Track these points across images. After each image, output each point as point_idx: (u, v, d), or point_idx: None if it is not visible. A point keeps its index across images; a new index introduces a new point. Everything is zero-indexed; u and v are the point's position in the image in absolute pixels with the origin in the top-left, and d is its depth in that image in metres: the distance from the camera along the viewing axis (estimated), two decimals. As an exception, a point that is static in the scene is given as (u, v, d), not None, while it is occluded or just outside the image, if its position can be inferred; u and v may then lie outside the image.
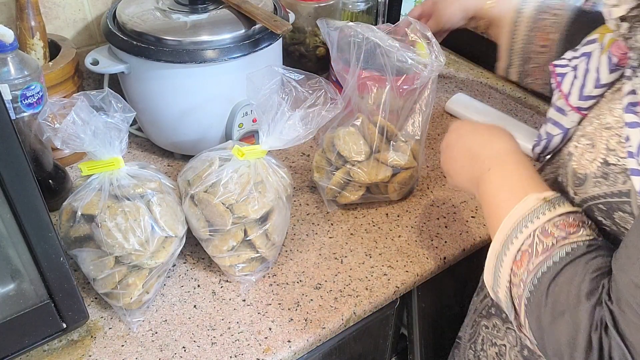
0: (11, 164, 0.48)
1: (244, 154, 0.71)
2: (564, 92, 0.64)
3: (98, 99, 0.66)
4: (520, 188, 0.58)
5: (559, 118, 0.65)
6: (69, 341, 0.69)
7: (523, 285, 0.52)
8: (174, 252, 0.71)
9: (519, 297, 0.53)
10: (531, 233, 0.53)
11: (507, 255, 0.54)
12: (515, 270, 0.53)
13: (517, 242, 0.54)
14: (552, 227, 0.53)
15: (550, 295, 0.49)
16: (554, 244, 0.51)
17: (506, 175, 0.61)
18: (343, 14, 1.19)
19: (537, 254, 0.52)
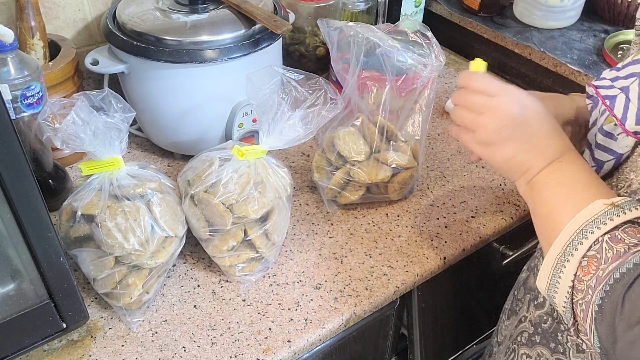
0: (11, 164, 0.48)
1: (243, 154, 0.71)
2: (618, 117, 0.59)
3: (98, 99, 0.66)
4: (585, 191, 0.55)
5: (607, 143, 0.62)
6: (69, 341, 0.69)
7: (592, 292, 0.50)
8: (174, 252, 0.71)
9: (585, 304, 0.50)
10: (599, 239, 0.51)
11: (571, 260, 0.51)
12: (580, 277, 0.51)
13: (583, 247, 0.51)
14: (621, 234, 0.50)
15: (627, 303, 0.47)
16: (626, 251, 0.49)
17: (567, 175, 0.57)
18: (343, 14, 1.19)
19: (607, 261, 0.49)
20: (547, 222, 0.57)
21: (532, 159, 0.58)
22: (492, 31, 1.20)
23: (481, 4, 1.23)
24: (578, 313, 0.52)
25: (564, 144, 0.59)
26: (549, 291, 0.55)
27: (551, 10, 1.17)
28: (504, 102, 0.59)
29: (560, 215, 0.54)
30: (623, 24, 1.21)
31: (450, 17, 1.28)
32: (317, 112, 0.70)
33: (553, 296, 0.54)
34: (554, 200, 0.56)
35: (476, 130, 0.60)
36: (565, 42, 1.15)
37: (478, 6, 1.24)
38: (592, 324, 0.50)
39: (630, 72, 0.61)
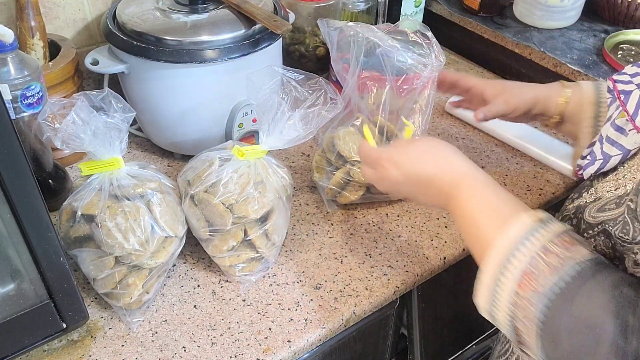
0: (11, 164, 0.48)
1: (244, 154, 0.71)
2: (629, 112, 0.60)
3: (98, 99, 0.66)
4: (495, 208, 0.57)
5: (617, 137, 0.62)
6: (69, 341, 0.69)
7: (533, 308, 0.50)
8: (174, 252, 0.71)
9: (527, 320, 0.50)
10: (532, 254, 0.51)
11: (507, 276, 0.52)
12: (520, 293, 0.51)
13: (517, 262, 0.51)
14: (552, 246, 0.51)
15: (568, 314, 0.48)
16: (561, 263, 0.50)
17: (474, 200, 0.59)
18: (343, 14, 1.19)
19: (544, 276, 0.50)
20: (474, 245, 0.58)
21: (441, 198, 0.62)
22: (492, 31, 1.20)
23: (481, 4, 1.24)
24: (520, 327, 0.52)
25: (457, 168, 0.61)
26: (490, 310, 0.55)
27: (551, 10, 1.17)
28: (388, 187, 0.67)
29: (482, 236, 0.56)
30: (623, 24, 1.21)
31: (450, 17, 1.28)
32: (317, 112, 0.70)
33: (495, 314, 0.54)
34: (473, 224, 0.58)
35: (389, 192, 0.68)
36: (565, 42, 1.15)
37: (478, 6, 1.24)
38: (537, 339, 0.50)
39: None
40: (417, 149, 0.65)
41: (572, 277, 0.49)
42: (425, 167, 0.63)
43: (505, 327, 0.54)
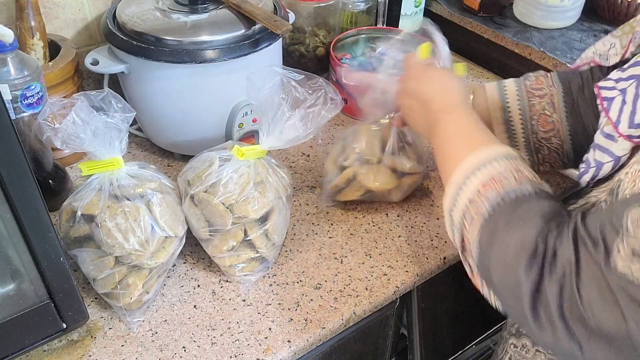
0: (11, 164, 0.48)
1: (243, 154, 0.71)
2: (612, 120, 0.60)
3: (98, 99, 0.66)
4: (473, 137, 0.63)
5: (608, 145, 0.62)
6: (69, 341, 0.69)
7: (487, 202, 0.56)
8: (174, 252, 0.71)
9: (476, 213, 0.56)
10: (508, 167, 0.57)
11: (477, 176, 0.58)
12: (481, 191, 0.57)
13: (492, 168, 0.57)
14: (525, 170, 0.58)
15: (514, 213, 0.54)
16: (526, 181, 0.56)
17: (456, 127, 0.66)
18: (343, 14, 1.19)
19: (509, 182, 0.56)
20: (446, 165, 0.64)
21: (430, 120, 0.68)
22: (492, 31, 1.20)
23: (481, 4, 1.23)
24: (467, 225, 0.58)
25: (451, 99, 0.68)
26: (451, 210, 0.60)
27: (551, 10, 1.17)
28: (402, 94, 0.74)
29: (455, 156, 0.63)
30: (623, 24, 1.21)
31: (450, 17, 1.28)
32: (317, 112, 0.70)
33: (452, 211, 0.60)
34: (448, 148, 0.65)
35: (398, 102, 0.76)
36: (565, 42, 1.15)
37: (478, 6, 1.24)
38: (477, 231, 0.56)
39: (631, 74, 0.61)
40: (435, 73, 0.73)
41: (529, 191, 0.55)
42: (430, 88, 0.70)
43: (456, 225, 0.59)
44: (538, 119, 0.77)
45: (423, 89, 0.70)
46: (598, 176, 0.64)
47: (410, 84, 0.72)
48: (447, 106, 0.67)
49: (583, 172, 0.66)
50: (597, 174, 0.64)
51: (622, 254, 0.45)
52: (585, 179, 0.66)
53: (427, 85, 0.71)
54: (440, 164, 0.66)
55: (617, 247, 0.45)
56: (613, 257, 0.45)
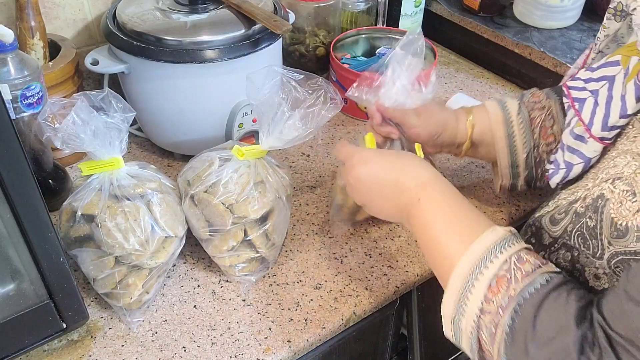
0: (11, 164, 0.48)
1: (243, 154, 0.71)
2: (585, 122, 0.60)
3: (98, 99, 0.66)
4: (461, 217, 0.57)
5: (578, 146, 0.61)
6: (69, 341, 0.69)
7: (502, 311, 0.50)
8: (174, 252, 0.71)
9: (494, 326, 0.50)
10: (507, 259, 0.52)
11: (480, 280, 0.52)
12: (489, 297, 0.51)
13: (493, 266, 0.52)
14: (526, 255, 0.52)
15: (538, 322, 0.48)
16: (533, 270, 0.51)
17: (441, 204, 0.59)
18: (343, 14, 1.19)
19: (517, 280, 0.50)
20: (432, 250, 0.58)
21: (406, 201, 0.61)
22: (492, 31, 1.20)
23: (481, 4, 1.24)
24: (484, 337, 0.52)
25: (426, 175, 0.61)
26: (455, 318, 0.54)
27: (551, 10, 1.17)
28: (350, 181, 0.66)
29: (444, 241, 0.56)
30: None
31: (450, 17, 1.28)
32: (317, 112, 0.70)
33: (459, 321, 0.54)
34: (434, 228, 0.58)
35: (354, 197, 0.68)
36: (565, 42, 1.15)
37: (478, 6, 1.24)
38: (501, 347, 0.50)
39: (603, 75, 0.60)
40: (390, 155, 0.66)
41: (542, 284, 0.50)
42: (393, 171, 0.63)
43: (467, 337, 0.53)
44: (539, 131, 0.75)
45: (382, 173, 0.63)
46: (568, 177, 0.64)
47: (362, 172, 0.64)
48: (419, 184, 0.61)
49: (553, 174, 0.66)
50: (567, 175, 0.64)
51: None
52: (555, 181, 0.66)
53: (386, 169, 0.64)
54: (429, 257, 0.60)
55: None
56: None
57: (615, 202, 0.52)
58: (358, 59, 1.15)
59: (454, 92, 1.16)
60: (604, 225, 0.53)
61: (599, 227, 0.53)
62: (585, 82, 0.63)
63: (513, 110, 0.76)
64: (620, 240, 0.51)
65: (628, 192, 0.51)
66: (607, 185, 0.54)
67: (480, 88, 1.20)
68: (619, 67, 0.58)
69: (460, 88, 1.19)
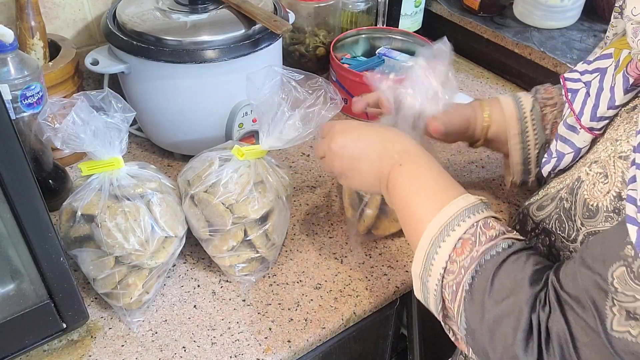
0: (11, 164, 0.48)
1: (243, 154, 0.71)
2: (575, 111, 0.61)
3: (98, 99, 0.66)
4: (438, 184, 0.60)
5: (570, 136, 0.63)
6: (69, 341, 0.69)
7: (464, 271, 0.52)
8: (174, 252, 0.71)
9: (456, 284, 0.53)
10: (474, 223, 0.54)
11: (447, 241, 0.54)
12: (454, 257, 0.54)
13: (460, 229, 0.54)
14: (493, 222, 0.55)
15: (496, 281, 0.51)
16: (497, 235, 0.53)
17: (421, 170, 0.61)
18: (343, 14, 1.19)
19: (480, 243, 0.53)
20: (409, 212, 0.60)
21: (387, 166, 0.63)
22: (492, 31, 1.20)
23: (481, 4, 1.24)
24: (447, 295, 0.55)
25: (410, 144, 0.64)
26: (422, 276, 0.57)
27: (551, 10, 1.17)
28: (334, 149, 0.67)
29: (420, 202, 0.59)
30: (623, 24, 1.21)
31: (450, 17, 1.28)
32: (317, 112, 0.70)
33: (427, 280, 0.56)
34: (412, 191, 0.60)
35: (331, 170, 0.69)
36: (565, 42, 1.15)
37: (478, 6, 1.24)
38: (461, 304, 0.53)
39: (597, 67, 0.61)
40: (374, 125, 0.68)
41: (503, 248, 0.52)
42: (379, 137, 0.65)
43: (432, 295, 0.56)
44: (551, 127, 0.76)
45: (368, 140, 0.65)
46: (559, 167, 0.65)
47: (347, 139, 0.66)
48: (403, 151, 0.63)
49: (545, 162, 0.68)
50: (559, 164, 0.65)
51: (617, 317, 0.43)
52: (546, 169, 0.67)
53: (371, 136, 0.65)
54: (403, 219, 0.62)
55: (611, 311, 0.43)
56: (609, 321, 0.44)
57: (589, 184, 0.53)
58: (358, 59, 1.15)
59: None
60: (578, 206, 0.54)
61: (573, 209, 0.55)
62: (581, 74, 0.64)
63: (527, 106, 0.77)
64: (591, 221, 0.52)
65: (601, 175, 0.52)
66: (584, 169, 0.56)
67: (480, 88, 1.20)
68: (611, 59, 0.59)
69: (460, 88, 1.19)
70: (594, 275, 0.44)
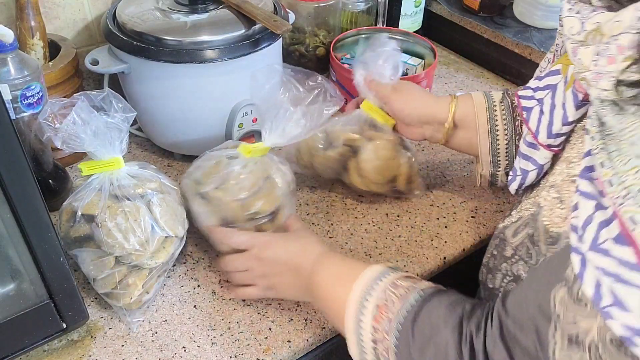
0: (11, 164, 0.48)
1: (250, 151, 0.72)
2: (532, 130, 0.61)
3: (98, 99, 0.66)
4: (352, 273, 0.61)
5: (531, 153, 0.63)
6: (69, 341, 0.69)
7: (387, 335, 0.54)
8: (174, 252, 0.71)
9: (386, 350, 0.54)
10: (384, 289, 0.57)
11: (365, 314, 0.56)
12: (376, 327, 0.55)
13: (372, 298, 0.56)
14: (401, 281, 0.57)
15: (416, 333, 0.53)
16: (407, 292, 0.56)
17: (333, 270, 0.64)
18: (343, 14, 1.19)
19: (393, 304, 0.55)
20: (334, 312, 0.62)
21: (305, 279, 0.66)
22: (492, 31, 1.20)
23: (481, 4, 1.24)
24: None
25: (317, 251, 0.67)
26: (360, 355, 0.58)
27: (551, 10, 1.17)
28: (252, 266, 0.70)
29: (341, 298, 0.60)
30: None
31: (450, 17, 1.28)
32: (317, 109, 0.70)
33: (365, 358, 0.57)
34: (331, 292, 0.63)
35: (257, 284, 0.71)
36: (565, 42, 1.15)
37: (478, 6, 1.24)
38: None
39: (547, 84, 0.61)
40: (289, 236, 0.72)
41: (417, 300, 0.55)
42: (292, 253, 0.68)
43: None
44: (521, 121, 0.75)
45: (284, 252, 0.69)
46: (525, 184, 0.65)
47: (268, 254, 0.69)
48: (316, 258, 0.66)
49: (511, 180, 0.68)
50: (524, 182, 0.65)
51: (559, 345, 0.42)
52: (513, 187, 0.67)
53: (285, 248, 0.69)
54: (333, 320, 0.65)
55: (553, 336, 0.42)
56: (551, 349, 0.42)
57: (547, 210, 0.53)
58: (358, 59, 1.15)
59: (453, 92, 1.16)
60: (540, 233, 0.54)
61: (536, 235, 0.55)
62: (534, 90, 0.65)
63: (497, 97, 0.77)
64: (553, 247, 0.51)
65: (557, 200, 0.52)
66: (543, 193, 0.56)
67: (480, 88, 1.20)
68: (560, 75, 0.59)
69: (460, 88, 1.19)
70: (538, 299, 0.44)
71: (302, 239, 0.70)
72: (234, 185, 0.71)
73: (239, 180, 0.71)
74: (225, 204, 0.71)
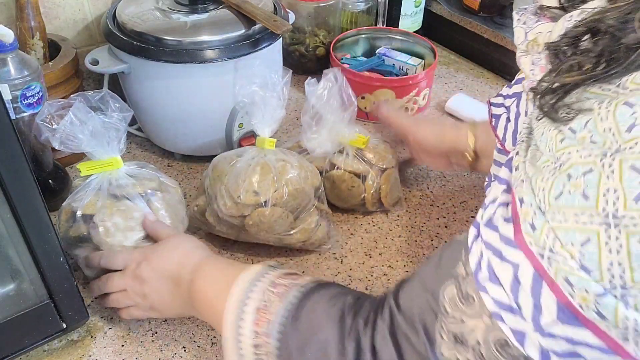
0: (11, 164, 0.48)
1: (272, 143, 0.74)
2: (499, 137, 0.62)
3: (96, 99, 0.66)
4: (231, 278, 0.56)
5: (501, 159, 0.63)
6: (69, 341, 0.69)
7: (267, 338, 0.50)
8: (174, 252, 0.71)
9: (268, 356, 0.50)
10: (263, 290, 0.53)
11: (245, 319, 0.52)
12: (257, 331, 0.51)
13: (251, 301, 0.52)
14: (280, 279, 0.53)
15: (297, 331, 0.49)
16: (287, 290, 0.52)
17: (211, 277, 0.60)
18: (343, 14, 1.19)
19: (273, 304, 0.51)
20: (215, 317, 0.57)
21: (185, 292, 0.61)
22: (492, 31, 1.20)
23: (481, 4, 1.23)
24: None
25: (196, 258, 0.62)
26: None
27: (551, 10, 1.17)
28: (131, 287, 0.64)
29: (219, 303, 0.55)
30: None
31: (450, 17, 1.28)
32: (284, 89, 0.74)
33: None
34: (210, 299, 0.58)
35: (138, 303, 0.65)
36: (565, 42, 1.15)
37: (478, 6, 1.24)
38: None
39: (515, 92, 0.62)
40: (165, 246, 0.65)
41: (297, 297, 0.51)
42: (170, 261, 0.63)
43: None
44: None
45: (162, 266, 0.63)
46: None
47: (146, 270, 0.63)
48: (195, 266, 0.61)
49: (487, 186, 0.68)
50: None
51: (445, 341, 0.41)
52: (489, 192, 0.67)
53: (163, 261, 0.63)
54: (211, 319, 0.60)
55: (440, 334, 0.41)
56: (437, 345, 0.41)
57: None
58: (358, 59, 1.15)
59: (454, 92, 1.16)
60: None
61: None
62: (504, 98, 0.65)
63: None
64: None
65: None
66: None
67: (480, 88, 1.20)
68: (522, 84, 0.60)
69: (460, 88, 1.19)
70: (427, 294, 0.43)
71: (181, 246, 0.65)
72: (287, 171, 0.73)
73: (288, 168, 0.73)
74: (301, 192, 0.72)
